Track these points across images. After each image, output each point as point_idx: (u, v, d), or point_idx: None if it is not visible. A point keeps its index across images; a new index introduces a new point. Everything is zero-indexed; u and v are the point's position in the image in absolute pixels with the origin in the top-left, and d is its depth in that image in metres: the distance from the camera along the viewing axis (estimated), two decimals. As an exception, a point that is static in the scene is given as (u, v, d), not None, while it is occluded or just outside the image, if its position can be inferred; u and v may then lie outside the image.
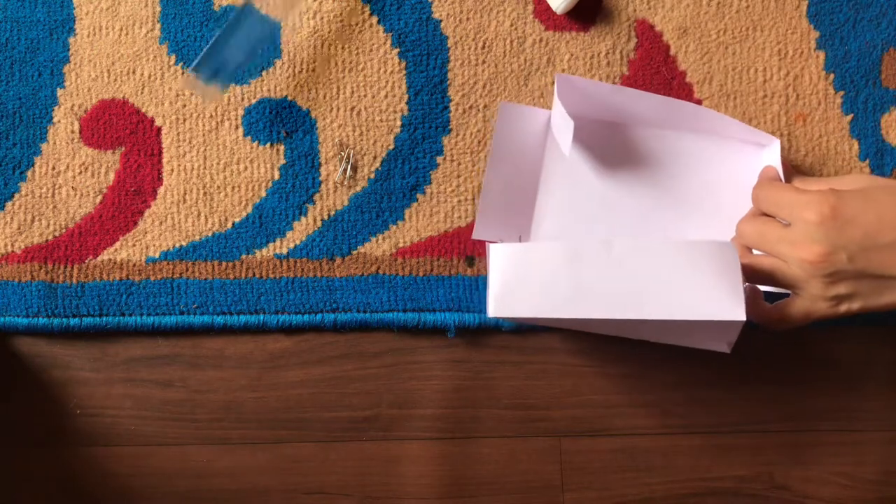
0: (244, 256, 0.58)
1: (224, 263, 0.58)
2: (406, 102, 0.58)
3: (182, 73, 0.59)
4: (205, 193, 0.58)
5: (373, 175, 0.58)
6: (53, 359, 0.58)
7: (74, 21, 0.59)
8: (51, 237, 0.58)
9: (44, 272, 0.58)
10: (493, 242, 0.56)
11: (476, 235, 0.57)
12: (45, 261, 0.58)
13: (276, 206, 0.58)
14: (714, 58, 0.58)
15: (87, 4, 0.59)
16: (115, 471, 0.58)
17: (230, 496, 0.58)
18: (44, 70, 0.59)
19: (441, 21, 0.59)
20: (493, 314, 0.49)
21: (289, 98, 0.59)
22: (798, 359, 0.58)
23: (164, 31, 0.59)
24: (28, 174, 0.59)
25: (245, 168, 0.58)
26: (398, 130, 0.58)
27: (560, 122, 0.54)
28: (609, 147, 0.57)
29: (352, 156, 0.58)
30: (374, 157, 0.58)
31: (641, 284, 0.47)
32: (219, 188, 0.58)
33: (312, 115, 0.59)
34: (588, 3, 0.58)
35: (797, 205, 0.47)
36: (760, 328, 0.52)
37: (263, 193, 0.58)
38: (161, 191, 0.58)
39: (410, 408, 0.58)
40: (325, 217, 0.58)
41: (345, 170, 0.58)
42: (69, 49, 0.59)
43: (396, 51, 0.59)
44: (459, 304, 0.58)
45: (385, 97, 0.58)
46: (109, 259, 0.58)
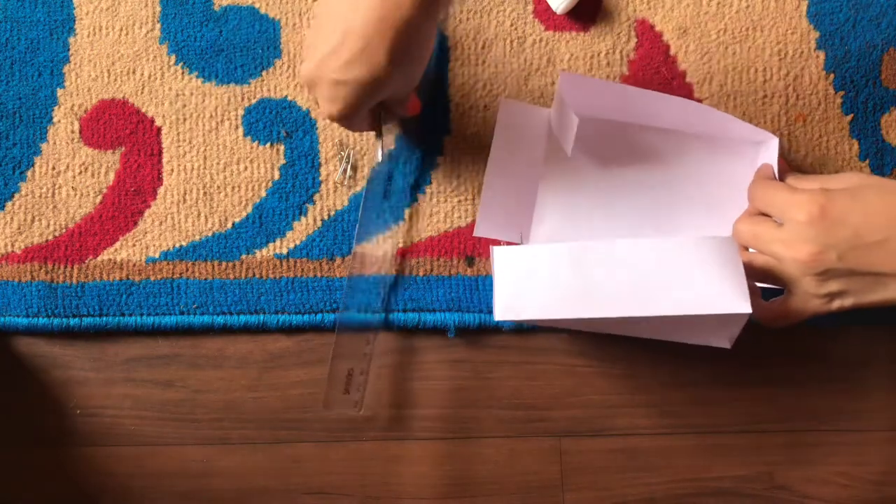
0: (244, 256, 0.58)
1: (224, 263, 0.58)
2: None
3: (182, 74, 0.59)
4: (205, 193, 0.58)
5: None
6: (53, 359, 0.58)
7: (74, 21, 0.59)
8: (51, 237, 0.58)
9: (44, 272, 0.58)
10: (494, 241, 0.56)
11: (477, 232, 0.57)
12: (45, 261, 0.58)
13: (276, 206, 0.58)
14: (714, 58, 0.58)
15: (87, 4, 0.59)
16: (115, 471, 0.58)
17: (230, 496, 0.58)
18: (44, 70, 0.59)
19: (441, 21, 0.59)
20: (501, 317, 0.49)
21: (289, 98, 0.59)
22: (798, 359, 0.58)
23: (164, 31, 0.59)
24: (28, 174, 0.59)
25: (245, 168, 0.58)
26: (398, 130, 0.58)
27: (562, 121, 0.54)
28: (610, 145, 0.57)
29: (352, 156, 0.58)
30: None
31: (646, 282, 0.47)
32: (219, 188, 0.58)
33: (312, 115, 0.59)
34: (588, 3, 0.58)
35: (788, 205, 0.48)
36: (759, 327, 0.52)
37: (263, 193, 0.58)
38: (161, 191, 0.58)
39: (410, 408, 0.58)
40: (325, 217, 0.58)
41: (345, 170, 0.58)
42: (69, 49, 0.59)
43: (396, 51, 0.59)
44: (459, 304, 0.58)
45: (385, 97, 0.59)
46: (109, 259, 0.58)
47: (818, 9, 0.58)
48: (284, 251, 0.58)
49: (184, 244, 0.58)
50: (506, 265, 0.49)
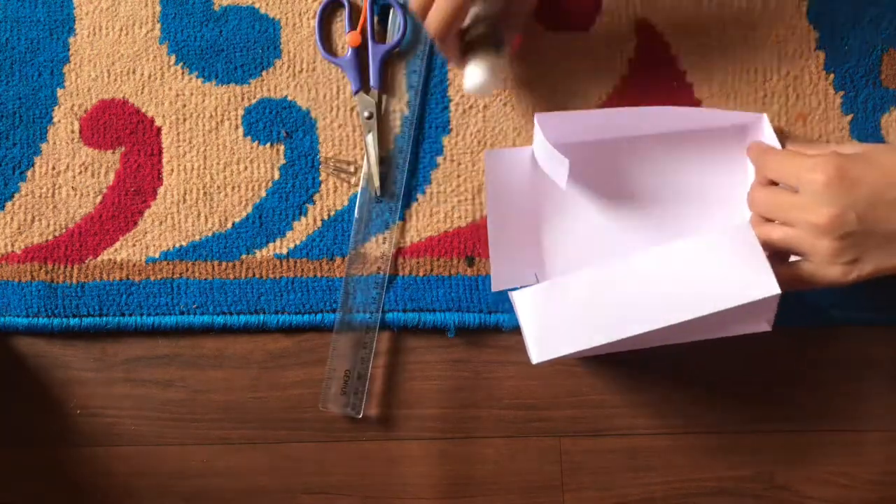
0: (244, 256, 0.58)
1: (224, 263, 0.58)
2: (406, 103, 0.58)
3: (182, 74, 0.59)
4: (205, 193, 0.58)
5: (373, 175, 0.58)
6: (53, 359, 0.58)
7: (74, 21, 0.59)
8: (51, 237, 0.58)
9: (44, 272, 0.58)
10: (513, 290, 0.55)
11: (495, 288, 0.56)
12: (45, 261, 0.58)
13: (276, 206, 0.58)
14: (714, 58, 0.58)
15: (87, 4, 0.59)
16: (115, 471, 0.58)
17: (230, 496, 0.58)
18: (44, 70, 0.59)
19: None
20: (538, 361, 0.49)
21: (289, 98, 0.59)
22: (798, 359, 0.58)
23: (164, 31, 0.59)
24: (28, 174, 0.59)
25: (245, 168, 0.58)
26: (398, 131, 0.58)
27: (551, 162, 0.53)
28: (600, 165, 0.57)
29: (333, 164, 0.58)
30: (374, 157, 0.58)
31: (671, 289, 0.47)
32: (219, 188, 0.58)
33: (312, 115, 0.59)
34: (588, 3, 0.58)
35: (803, 169, 0.47)
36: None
37: (263, 193, 0.58)
38: (161, 191, 0.58)
39: (410, 408, 0.58)
40: (325, 217, 0.58)
41: (339, 177, 0.58)
42: (69, 49, 0.59)
43: (396, 51, 0.59)
44: (459, 304, 0.58)
45: (385, 97, 0.59)
46: (109, 259, 0.58)
47: (818, 9, 0.58)
48: (284, 251, 0.58)
49: (184, 244, 0.58)
50: (529, 307, 0.49)
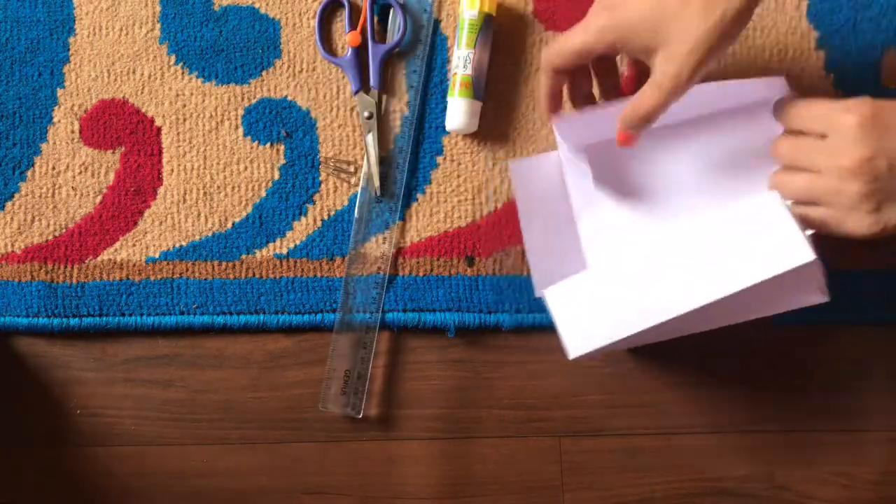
0: (244, 256, 0.58)
1: (224, 263, 0.58)
2: (406, 103, 0.58)
3: (182, 74, 0.59)
4: (205, 193, 0.58)
5: (373, 175, 0.58)
6: (53, 359, 0.58)
7: (74, 21, 0.59)
8: (51, 237, 0.58)
9: (44, 272, 0.58)
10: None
11: (538, 293, 0.53)
12: (45, 261, 0.58)
13: (276, 206, 0.58)
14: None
15: (87, 4, 0.59)
16: (115, 471, 0.58)
17: (230, 496, 0.58)
18: (44, 70, 0.59)
19: (441, 21, 0.59)
20: (575, 355, 0.48)
21: (289, 98, 0.59)
22: (797, 359, 0.58)
23: (164, 31, 0.59)
24: (28, 174, 0.59)
25: (245, 168, 0.58)
26: (398, 131, 0.58)
27: (574, 167, 0.53)
28: (626, 157, 0.56)
29: (334, 163, 0.58)
30: (374, 157, 0.58)
31: (704, 266, 0.46)
32: (219, 188, 0.58)
33: (312, 115, 0.59)
34: (589, 3, 0.58)
35: (834, 111, 0.44)
36: (755, 335, 0.52)
37: (263, 193, 0.58)
38: (161, 191, 0.58)
39: (410, 408, 0.58)
40: (325, 217, 0.58)
41: (339, 177, 0.58)
42: (69, 49, 0.59)
43: (396, 51, 0.59)
44: (459, 304, 0.58)
45: (385, 97, 0.59)
46: (109, 259, 0.58)
47: (818, 9, 0.58)
48: (284, 251, 0.58)
49: (184, 244, 0.58)
50: (562, 302, 0.48)
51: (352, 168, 0.58)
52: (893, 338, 0.58)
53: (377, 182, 0.57)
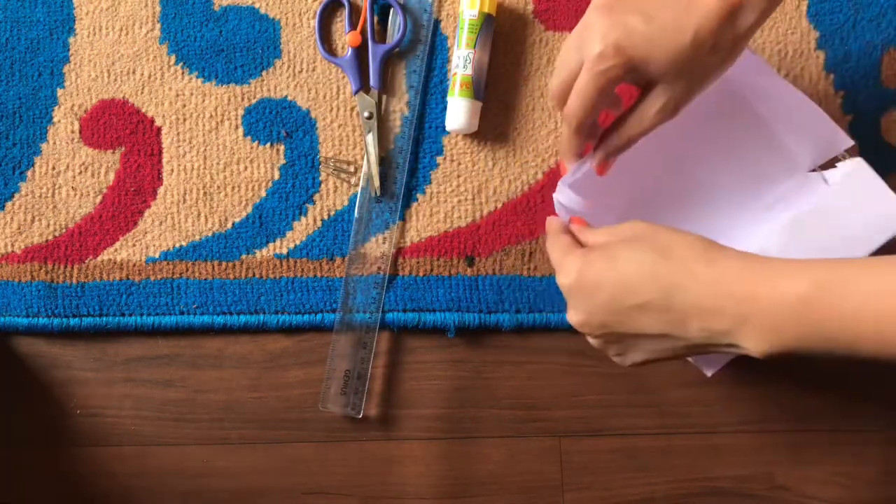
0: (244, 256, 0.58)
1: (224, 263, 0.58)
2: (406, 103, 0.59)
3: (182, 74, 0.59)
4: (205, 193, 0.58)
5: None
6: (53, 359, 0.58)
7: (74, 21, 0.59)
8: (51, 237, 0.58)
9: (44, 272, 0.58)
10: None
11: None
12: (45, 261, 0.58)
13: (276, 206, 0.58)
14: (714, 58, 0.58)
15: (87, 4, 0.59)
16: (115, 471, 0.58)
17: (230, 496, 0.58)
18: (44, 70, 0.59)
19: (441, 21, 0.59)
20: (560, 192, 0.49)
21: (289, 98, 0.59)
22: (797, 359, 0.58)
23: (164, 31, 0.59)
24: (28, 174, 0.59)
25: (245, 168, 0.58)
26: (398, 131, 0.58)
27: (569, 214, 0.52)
28: (614, 175, 0.52)
29: (333, 163, 0.58)
30: (374, 157, 0.58)
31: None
32: (219, 188, 0.58)
33: (312, 115, 0.59)
34: (587, 3, 0.58)
35: (557, 269, 0.46)
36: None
37: (263, 193, 0.58)
38: (161, 191, 0.58)
39: (410, 408, 0.58)
40: (325, 217, 0.58)
41: (339, 177, 0.58)
42: (69, 49, 0.59)
43: (396, 51, 0.59)
44: (459, 304, 0.58)
45: (385, 97, 0.59)
46: (109, 259, 0.58)
47: (818, 9, 0.58)
48: (284, 251, 0.58)
49: (184, 244, 0.58)
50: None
51: (352, 168, 0.59)
52: (893, 338, 0.58)
53: (377, 182, 0.57)
